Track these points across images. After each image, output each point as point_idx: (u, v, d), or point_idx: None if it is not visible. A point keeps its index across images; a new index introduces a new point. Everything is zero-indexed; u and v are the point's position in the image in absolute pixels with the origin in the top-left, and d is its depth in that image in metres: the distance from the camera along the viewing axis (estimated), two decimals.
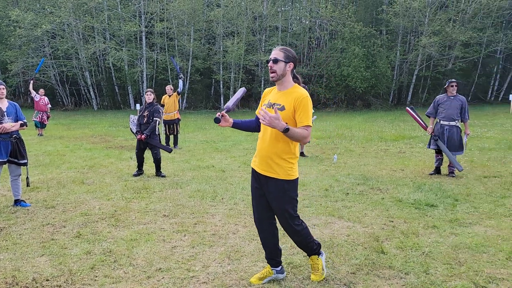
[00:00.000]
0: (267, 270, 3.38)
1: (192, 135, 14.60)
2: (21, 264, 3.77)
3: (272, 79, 3.07)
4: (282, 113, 2.97)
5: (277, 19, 28.11)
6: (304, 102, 2.95)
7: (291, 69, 3.06)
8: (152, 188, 6.66)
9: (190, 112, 26.72)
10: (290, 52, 3.06)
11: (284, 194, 3.08)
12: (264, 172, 3.13)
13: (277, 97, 3.11)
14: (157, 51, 28.20)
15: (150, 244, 4.23)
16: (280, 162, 3.05)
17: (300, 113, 2.96)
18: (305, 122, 2.95)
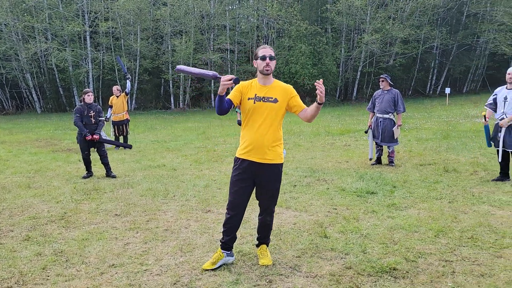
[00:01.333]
0: (218, 253, 3.59)
1: (143, 135, 14.47)
2: None
3: (267, 73, 3.38)
4: (276, 105, 3.38)
5: (224, 18, 28.24)
6: (294, 91, 3.51)
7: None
8: (102, 189, 6.64)
9: (140, 112, 26.32)
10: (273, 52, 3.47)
11: (278, 176, 3.50)
12: (262, 160, 3.42)
13: (265, 91, 3.42)
14: (103, 51, 27.49)
15: (102, 243, 4.29)
16: (275, 148, 3.44)
17: (296, 99, 3.45)
18: (303, 105, 3.47)
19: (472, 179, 6.65)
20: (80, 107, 7.51)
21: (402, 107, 7.90)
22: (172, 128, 16.60)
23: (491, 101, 6.64)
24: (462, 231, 4.22)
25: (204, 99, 29.74)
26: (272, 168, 3.44)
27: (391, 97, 7.89)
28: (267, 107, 3.37)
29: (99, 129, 7.55)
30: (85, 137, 7.36)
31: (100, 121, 7.61)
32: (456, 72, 32.80)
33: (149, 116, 23.40)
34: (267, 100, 3.38)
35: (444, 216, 4.75)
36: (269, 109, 3.37)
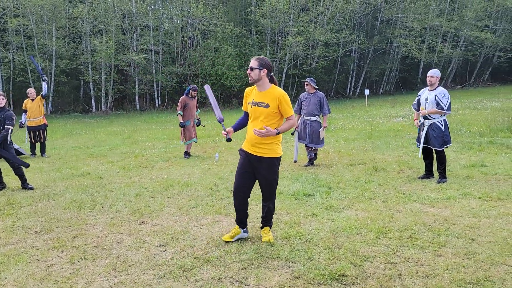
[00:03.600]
0: (236, 229, 4.27)
1: (62, 141, 13.47)
2: None
3: (250, 81, 3.93)
4: (268, 110, 3.89)
5: (147, 18, 27.32)
6: (284, 99, 3.88)
7: (265, 73, 3.88)
8: (18, 203, 5.97)
9: (57, 116, 24.57)
10: (263, 61, 3.90)
11: (274, 168, 4.04)
12: (258, 154, 3.98)
13: (259, 96, 3.95)
14: (14, 50, 25.29)
15: (22, 266, 3.79)
16: (271, 145, 3.96)
17: (284, 107, 3.89)
18: (289, 113, 3.93)
19: (400, 177, 6.93)
20: None
21: (327, 109, 8.07)
22: (94, 133, 15.66)
23: (416, 101, 6.96)
24: (401, 231, 4.32)
25: (128, 101, 28.54)
26: (265, 161, 3.97)
27: (317, 100, 8.03)
28: (260, 111, 3.93)
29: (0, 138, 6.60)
30: None
31: (4, 129, 6.64)
32: (372, 75, 34.66)
33: (68, 120, 21.93)
34: (260, 105, 3.92)
35: (382, 216, 4.85)
36: (260, 112, 3.92)
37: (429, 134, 6.59)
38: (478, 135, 11.11)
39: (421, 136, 6.67)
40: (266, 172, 4.02)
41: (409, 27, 32.02)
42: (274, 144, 3.97)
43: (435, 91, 6.52)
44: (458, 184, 6.29)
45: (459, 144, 9.70)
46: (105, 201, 5.94)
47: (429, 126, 6.59)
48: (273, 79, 3.99)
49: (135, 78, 27.52)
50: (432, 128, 6.56)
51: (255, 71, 3.86)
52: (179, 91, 29.11)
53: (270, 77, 3.96)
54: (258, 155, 3.98)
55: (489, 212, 4.89)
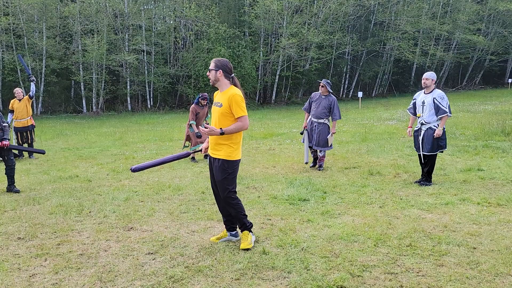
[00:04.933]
0: (224, 232, 4.26)
1: (51, 142, 13.18)
2: None
3: (211, 83, 3.97)
4: (221, 109, 3.89)
5: (140, 18, 27.02)
6: (234, 98, 3.83)
7: (222, 74, 3.89)
8: (2, 207, 5.74)
9: (47, 117, 24.17)
10: (220, 62, 3.91)
11: (224, 171, 3.91)
12: (212, 154, 4.01)
13: (218, 96, 4.00)
14: (3, 49, 24.86)
15: (1, 276, 3.59)
16: (223, 146, 3.91)
17: (234, 107, 3.84)
18: (239, 114, 3.85)
19: (396, 181, 6.79)
20: None
21: (338, 114, 7.89)
22: (85, 134, 15.37)
23: (411, 105, 6.84)
24: (400, 239, 4.16)
25: (120, 102, 28.20)
26: (218, 162, 3.93)
27: (328, 104, 7.85)
28: (216, 110, 3.96)
29: (6, 134, 6.60)
30: None
31: (5, 126, 6.65)
32: (366, 77, 34.63)
33: (58, 121, 21.58)
34: (216, 105, 3.96)
35: (379, 222, 4.69)
36: (216, 112, 3.95)
37: (424, 139, 6.45)
38: (473, 138, 11.03)
39: (419, 142, 6.54)
40: (216, 173, 3.98)
41: (402, 29, 32.04)
42: (226, 146, 3.92)
43: (432, 94, 6.39)
44: (456, 189, 6.16)
45: (454, 148, 9.60)
46: (92, 206, 5.73)
47: (426, 131, 6.46)
48: (234, 80, 3.98)
49: (127, 79, 27.20)
50: (428, 133, 6.43)
51: (212, 72, 3.91)
52: (172, 92, 28.85)
53: (231, 79, 3.95)
54: (213, 156, 4.02)
55: (489, 218, 4.76)
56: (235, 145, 3.95)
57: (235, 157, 3.95)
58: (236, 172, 4.01)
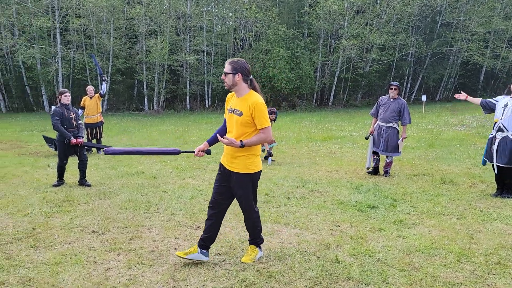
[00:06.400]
0: (194, 247, 3.78)
1: (116, 138, 13.70)
2: None
3: (225, 87, 3.59)
4: (241, 118, 3.48)
5: (201, 19, 27.57)
6: (258, 107, 3.43)
7: (241, 78, 3.47)
8: (76, 200, 5.97)
9: (112, 114, 25.28)
10: (237, 64, 3.47)
11: (244, 186, 3.59)
12: (228, 167, 3.61)
13: (236, 103, 3.57)
14: (74, 49, 26.31)
15: (79, 268, 3.68)
16: (240, 158, 3.53)
17: (257, 117, 3.44)
18: (263, 125, 3.45)
19: (473, 192, 6.34)
20: (59, 109, 6.82)
21: (408, 118, 7.53)
22: (147, 131, 15.87)
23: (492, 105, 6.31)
24: (486, 255, 3.84)
25: (179, 101, 28.95)
26: (234, 176, 3.58)
27: (397, 107, 7.51)
28: (234, 119, 3.55)
29: (81, 132, 6.92)
30: (70, 142, 6.66)
31: (80, 123, 6.99)
32: (430, 80, 33.20)
33: (122, 118, 22.48)
34: (235, 112, 3.55)
35: (460, 236, 4.37)
36: (235, 121, 3.54)
37: (499, 148, 5.95)
38: None
39: (493, 151, 6.02)
40: (235, 187, 3.62)
41: (472, 31, 30.38)
42: (244, 158, 3.53)
43: None
44: None
45: None
46: (160, 203, 5.82)
47: (502, 140, 5.95)
48: (253, 83, 3.56)
49: (186, 79, 27.85)
50: (505, 142, 5.91)
51: (229, 76, 3.49)
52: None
53: (249, 81, 3.54)
54: (229, 169, 3.62)
55: None
56: (254, 156, 3.57)
57: (255, 168, 3.58)
58: (257, 183, 3.68)
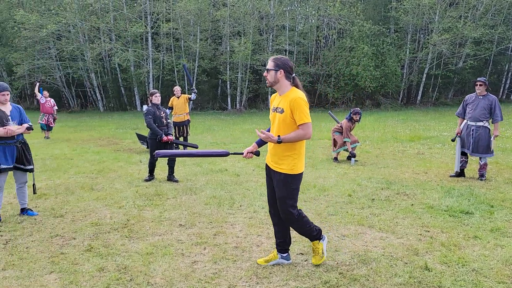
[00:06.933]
0: (273, 254, 3.76)
1: (201, 136, 14.25)
2: (28, 284, 3.42)
3: (267, 84, 3.53)
4: (282, 116, 3.40)
5: (284, 18, 27.70)
6: (297, 103, 3.32)
7: (283, 75, 3.42)
8: (165, 194, 6.31)
9: (197, 113, 26.38)
10: (280, 61, 3.43)
11: (287, 187, 3.46)
12: (272, 167, 3.55)
13: (278, 101, 3.51)
14: (163, 52, 27.88)
15: (168, 259, 3.88)
16: (285, 158, 3.45)
17: (296, 113, 3.34)
18: (302, 120, 3.33)
19: None
20: (151, 108, 7.29)
21: (499, 115, 6.94)
22: (230, 130, 16.30)
23: None
24: None
25: (261, 100, 29.38)
26: (280, 176, 3.49)
27: (487, 104, 6.94)
28: (276, 117, 3.48)
29: (170, 130, 7.34)
30: (161, 139, 7.11)
31: (169, 122, 7.42)
32: None
33: (206, 117, 23.35)
34: (276, 110, 3.50)
35: None
36: (277, 119, 3.47)
37: None
38: None
39: None
40: (278, 188, 3.50)
41: None
42: (290, 158, 3.44)
43: None
44: None
45: None
46: (243, 200, 5.94)
47: None
48: (295, 81, 3.49)
49: None
50: None
51: (271, 72, 3.44)
52: (311, 91, 28.98)
53: (292, 79, 3.47)
54: (273, 169, 3.55)
55: None
56: (299, 156, 3.48)
57: (299, 170, 3.48)
58: (299, 186, 3.55)
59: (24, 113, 5.22)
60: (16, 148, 5.06)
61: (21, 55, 26.65)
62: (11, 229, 4.78)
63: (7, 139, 4.95)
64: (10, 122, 4.99)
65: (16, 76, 27.05)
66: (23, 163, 5.14)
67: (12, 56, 26.74)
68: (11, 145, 5.00)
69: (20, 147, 5.10)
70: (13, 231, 4.71)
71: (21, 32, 25.08)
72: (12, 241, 4.39)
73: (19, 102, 30.58)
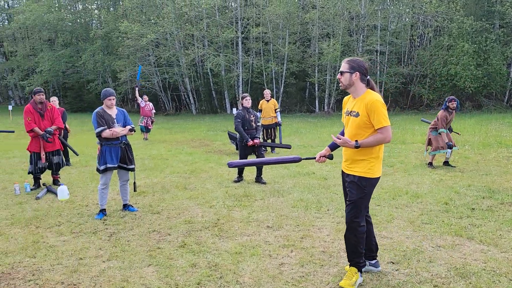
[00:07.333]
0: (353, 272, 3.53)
1: (288, 139, 14.32)
2: (129, 274, 3.71)
3: (341, 87, 3.43)
4: (357, 119, 3.30)
5: (375, 18, 26.83)
6: (374, 105, 3.21)
7: (358, 77, 3.31)
8: (253, 196, 6.45)
9: (284, 115, 26.56)
10: (355, 62, 3.32)
11: (360, 190, 3.33)
12: (346, 171, 3.47)
13: (353, 104, 3.40)
14: (253, 55, 28.54)
15: (256, 259, 3.96)
16: (360, 162, 3.34)
17: (374, 116, 3.21)
18: (380, 124, 3.21)
19: None
20: (241, 111, 7.53)
21: None
22: (318, 133, 16.17)
23: None
24: None
25: None
26: (351, 178, 3.39)
27: None
28: (351, 121, 3.38)
29: (258, 133, 7.52)
30: (247, 143, 7.33)
31: (258, 125, 7.59)
32: None
33: (293, 119, 23.41)
34: (351, 114, 3.39)
35: None
36: (351, 122, 3.38)
37: None
38: None
39: None
40: (349, 190, 3.42)
41: None
42: (365, 162, 3.33)
43: None
44: None
45: None
46: (330, 204, 5.86)
47: None
48: (369, 83, 3.37)
49: None
50: None
51: (345, 75, 3.34)
52: (404, 92, 27.72)
53: (366, 81, 3.36)
54: (346, 172, 3.48)
55: None
56: (376, 160, 3.35)
57: (375, 174, 3.35)
58: (372, 191, 3.40)
59: (127, 116, 5.67)
60: (121, 149, 5.51)
61: (124, 62, 28.99)
62: (114, 223, 5.21)
63: (113, 140, 5.42)
64: (116, 125, 5.46)
65: (120, 82, 29.51)
66: (126, 162, 5.59)
67: (116, 63, 29.21)
68: (116, 146, 5.46)
69: (123, 148, 5.55)
70: (117, 225, 5.14)
71: (124, 41, 27.30)
72: (116, 234, 4.79)
73: (122, 105, 33.27)
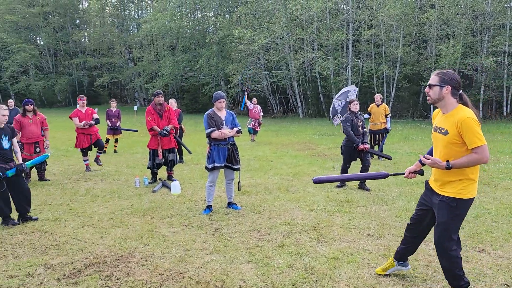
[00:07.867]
0: (391, 261, 3.68)
1: (398, 145, 13.69)
2: (229, 269, 3.90)
3: (428, 102, 3.22)
4: (446, 137, 3.06)
5: (504, 16, 24.31)
6: (467, 124, 2.96)
7: (449, 91, 3.08)
8: (355, 202, 6.32)
9: (395, 121, 25.41)
10: (446, 75, 3.10)
11: (451, 211, 3.10)
12: (436, 190, 3.23)
13: (441, 120, 3.18)
14: (363, 58, 27.82)
15: (354, 267, 3.89)
16: (451, 182, 3.11)
17: (467, 135, 2.97)
18: (474, 144, 2.95)
19: None
20: (350, 116, 7.45)
21: None
22: (430, 140, 15.07)
23: None
24: None
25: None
26: (442, 199, 3.15)
27: None
28: (439, 139, 3.17)
29: (365, 138, 7.39)
30: (357, 147, 7.25)
31: (365, 131, 7.46)
32: None
33: (405, 125, 22.28)
34: (439, 131, 3.16)
35: None
36: (440, 140, 3.15)
37: None
38: None
39: None
40: (439, 211, 3.15)
41: None
42: (456, 183, 3.08)
43: None
44: None
45: None
46: None
47: None
48: (462, 98, 3.11)
49: (481, 84, 25.17)
50: None
51: (435, 88, 3.12)
52: None
53: (458, 96, 3.10)
54: (436, 191, 3.23)
55: None
56: (469, 180, 3.07)
57: (469, 194, 3.07)
58: (465, 214, 3.12)
59: (235, 118, 5.96)
60: (228, 149, 5.81)
61: (236, 66, 30.33)
62: (219, 219, 5.51)
63: (221, 141, 5.74)
64: (224, 126, 5.77)
65: (231, 85, 30.94)
66: (232, 162, 5.87)
67: (229, 67, 30.68)
68: (224, 147, 5.77)
69: (230, 148, 5.84)
70: (221, 221, 5.43)
71: (237, 46, 28.55)
72: (219, 230, 5.07)
73: (232, 108, 34.80)
